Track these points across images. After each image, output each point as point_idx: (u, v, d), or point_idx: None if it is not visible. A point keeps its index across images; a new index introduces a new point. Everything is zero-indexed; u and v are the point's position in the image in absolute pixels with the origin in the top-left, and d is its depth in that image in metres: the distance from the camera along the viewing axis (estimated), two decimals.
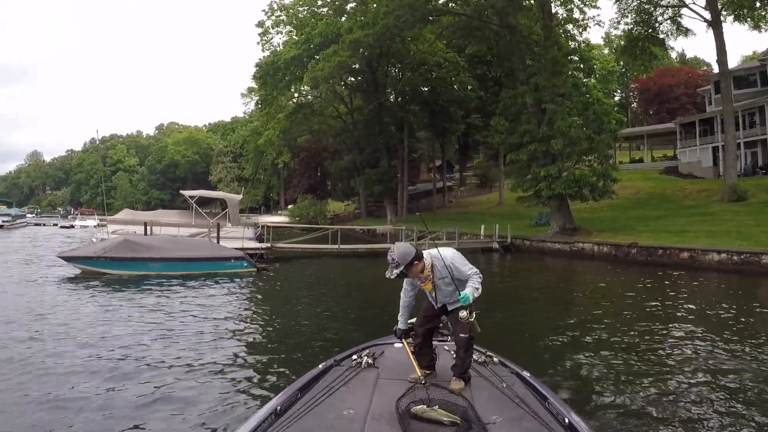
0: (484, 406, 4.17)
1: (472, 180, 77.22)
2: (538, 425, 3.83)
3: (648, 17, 40.40)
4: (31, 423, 6.55)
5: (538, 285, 21.44)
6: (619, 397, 7.62)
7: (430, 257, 4.99)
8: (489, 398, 4.38)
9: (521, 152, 33.76)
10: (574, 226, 34.01)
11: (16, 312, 13.16)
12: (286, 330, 12.11)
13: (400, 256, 4.81)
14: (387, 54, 51.08)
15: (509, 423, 3.90)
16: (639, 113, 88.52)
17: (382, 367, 5.07)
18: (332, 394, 4.41)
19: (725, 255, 23.23)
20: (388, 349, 5.57)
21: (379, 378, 4.82)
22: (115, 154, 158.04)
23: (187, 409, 7.08)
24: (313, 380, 4.79)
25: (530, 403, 4.20)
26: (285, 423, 3.85)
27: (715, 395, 7.63)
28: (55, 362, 8.96)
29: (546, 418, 3.97)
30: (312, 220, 57.49)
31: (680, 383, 8.19)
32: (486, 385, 4.61)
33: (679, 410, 7.14)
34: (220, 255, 22.19)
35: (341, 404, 4.16)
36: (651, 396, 7.70)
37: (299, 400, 4.34)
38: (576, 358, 9.65)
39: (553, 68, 32.56)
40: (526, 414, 4.01)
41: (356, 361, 5.15)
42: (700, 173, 48.14)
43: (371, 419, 3.97)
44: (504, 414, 4.03)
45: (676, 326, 12.40)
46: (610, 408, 7.27)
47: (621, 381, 8.36)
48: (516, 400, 4.24)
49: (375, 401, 4.27)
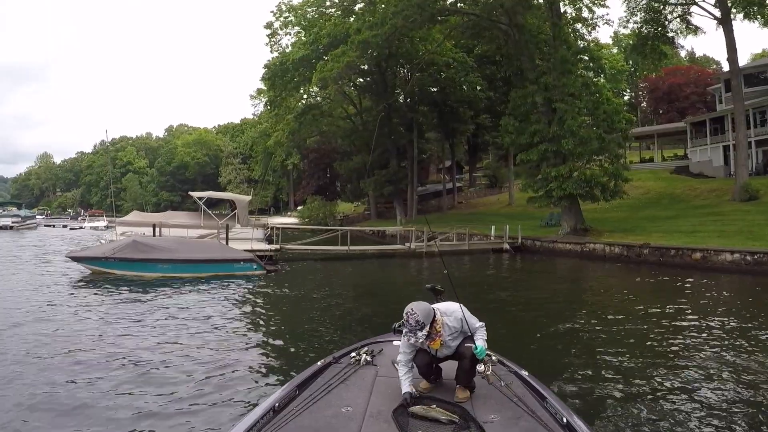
0: (482, 405, 4.24)
1: (482, 181, 77.24)
2: (536, 424, 3.86)
3: (657, 15, 40.16)
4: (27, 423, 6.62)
5: (549, 286, 21.27)
6: (619, 398, 7.61)
7: (439, 313, 4.68)
8: (487, 397, 4.42)
9: (531, 152, 33.55)
10: (585, 226, 33.79)
11: (24, 312, 13.26)
12: (292, 331, 12.11)
13: (425, 315, 4.48)
14: (396, 54, 50.98)
15: (507, 422, 3.95)
16: (648, 112, 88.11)
17: (381, 365, 5.09)
18: (330, 391, 4.44)
19: (738, 255, 22.99)
20: (386, 346, 5.59)
21: (378, 376, 4.85)
22: (124, 156, 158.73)
23: (187, 405, 7.19)
24: (311, 377, 4.82)
25: (528, 402, 4.24)
26: (283, 420, 3.88)
27: (717, 399, 7.57)
28: (58, 362, 9.06)
29: (544, 417, 4.00)
30: (321, 222, 57.58)
31: (682, 385, 8.13)
32: (484, 384, 4.59)
33: (680, 411, 7.11)
34: (230, 257, 22.13)
35: (339, 401, 4.19)
36: (652, 397, 7.67)
37: (297, 397, 4.38)
38: (581, 359, 9.67)
39: (562, 67, 32.37)
40: (524, 413, 4.04)
41: (355, 358, 5.18)
42: (710, 172, 47.82)
43: (369, 417, 4.00)
44: (502, 413, 4.09)
45: (689, 328, 12.24)
46: (610, 409, 7.27)
47: (622, 382, 8.32)
48: (514, 399, 4.28)
49: (373, 399, 4.30)
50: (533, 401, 4.30)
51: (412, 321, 4.44)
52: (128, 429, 6.45)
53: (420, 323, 4.42)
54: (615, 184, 32.84)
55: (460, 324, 4.71)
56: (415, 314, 4.43)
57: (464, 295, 4.77)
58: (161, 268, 20.24)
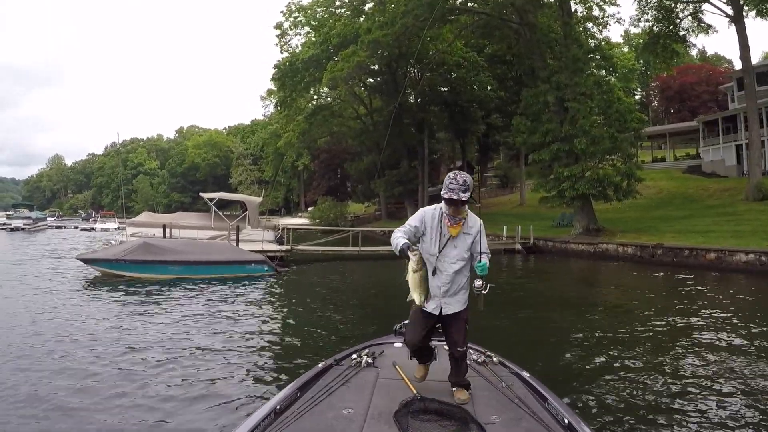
0: (483, 406, 4.24)
1: (493, 181, 77.04)
2: (537, 425, 3.87)
3: (669, 14, 39.84)
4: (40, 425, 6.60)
5: (562, 287, 21.21)
6: (620, 399, 7.59)
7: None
8: (488, 398, 4.43)
9: (544, 152, 33.39)
10: (598, 226, 33.58)
11: (34, 314, 13.28)
12: (298, 333, 12.05)
13: (471, 182, 4.62)
14: (406, 54, 50.88)
15: (508, 423, 3.95)
16: (660, 112, 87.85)
17: (382, 367, 5.10)
18: (332, 393, 4.45)
19: (753, 256, 22.79)
20: (387, 348, 5.63)
21: (379, 377, 4.85)
22: (135, 158, 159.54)
23: (187, 406, 7.21)
24: (312, 379, 4.83)
25: (529, 404, 4.25)
26: (284, 422, 3.89)
27: (719, 402, 7.45)
28: (63, 362, 9.13)
29: (545, 418, 4.00)
30: (332, 222, 57.54)
31: (691, 389, 8.00)
32: (485, 385, 4.65)
33: (686, 416, 7.01)
34: (240, 258, 22.04)
35: (340, 404, 4.19)
36: (653, 399, 7.61)
37: (299, 399, 4.39)
38: (589, 361, 9.60)
39: (574, 66, 32.23)
40: (525, 414, 4.05)
41: (356, 360, 5.20)
42: (723, 172, 47.41)
43: (370, 418, 3.99)
44: (503, 414, 4.09)
45: (703, 330, 12.08)
46: (611, 409, 7.24)
47: (624, 383, 8.28)
48: (515, 401, 4.29)
49: (374, 401, 4.30)
50: (535, 402, 4.31)
51: (460, 180, 4.53)
52: (128, 429, 6.46)
53: (467, 183, 4.53)
54: (628, 184, 32.60)
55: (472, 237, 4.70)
56: (462, 174, 4.57)
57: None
58: (172, 269, 20.17)
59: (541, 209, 40.61)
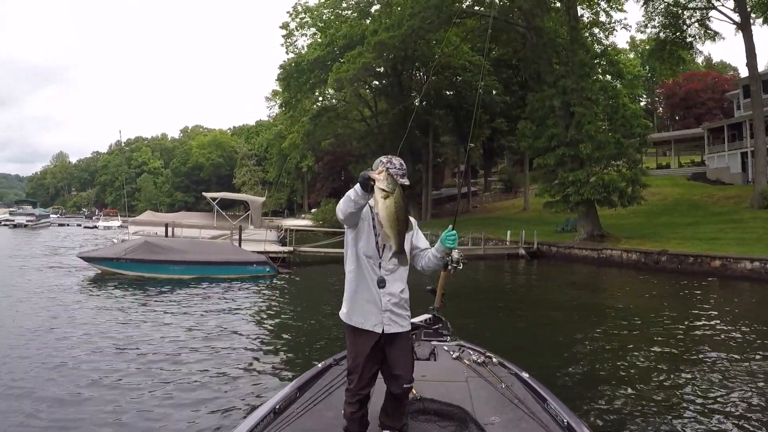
0: (482, 407, 4.25)
1: (497, 185, 76.94)
2: (537, 426, 3.90)
3: (676, 20, 39.79)
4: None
5: (565, 292, 21.05)
6: (620, 402, 7.57)
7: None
8: (488, 398, 4.44)
9: (548, 156, 33.26)
10: (602, 232, 33.46)
11: (35, 312, 13.19)
12: (298, 333, 12.01)
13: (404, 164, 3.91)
14: (412, 57, 50.83)
15: (507, 423, 3.98)
16: (665, 118, 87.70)
17: None
18: (331, 393, 4.49)
19: (758, 263, 22.69)
20: None
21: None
22: (140, 157, 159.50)
23: (187, 406, 7.16)
24: (312, 379, 4.85)
25: (529, 404, 4.29)
26: (284, 422, 3.92)
27: (721, 408, 7.39)
28: (60, 360, 9.06)
29: (545, 419, 4.02)
30: (336, 224, 57.32)
31: (686, 393, 8.02)
32: (485, 386, 4.68)
33: (680, 419, 6.99)
34: (242, 259, 21.93)
35: (340, 403, 4.09)
36: (653, 403, 7.56)
37: (298, 398, 4.41)
38: (589, 363, 9.58)
39: (581, 71, 32.12)
40: (524, 415, 4.09)
41: None
42: (728, 179, 47.23)
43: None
44: (502, 414, 4.12)
45: (706, 337, 12.02)
46: (610, 410, 7.22)
47: (624, 386, 8.24)
48: (515, 401, 4.33)
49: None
50: (534, 403, 4.32)
51: (396, 162, 3.86)
52: (128, 428, 6.40)
53: (403, 167, 3.87)
54: (633, 190, 32.51)
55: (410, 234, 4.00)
56: (396, 158, 3.87)
57: (484, 303, 4.54)
58: (173, 269, 20.06)
59: (545, 214, 40.51)
